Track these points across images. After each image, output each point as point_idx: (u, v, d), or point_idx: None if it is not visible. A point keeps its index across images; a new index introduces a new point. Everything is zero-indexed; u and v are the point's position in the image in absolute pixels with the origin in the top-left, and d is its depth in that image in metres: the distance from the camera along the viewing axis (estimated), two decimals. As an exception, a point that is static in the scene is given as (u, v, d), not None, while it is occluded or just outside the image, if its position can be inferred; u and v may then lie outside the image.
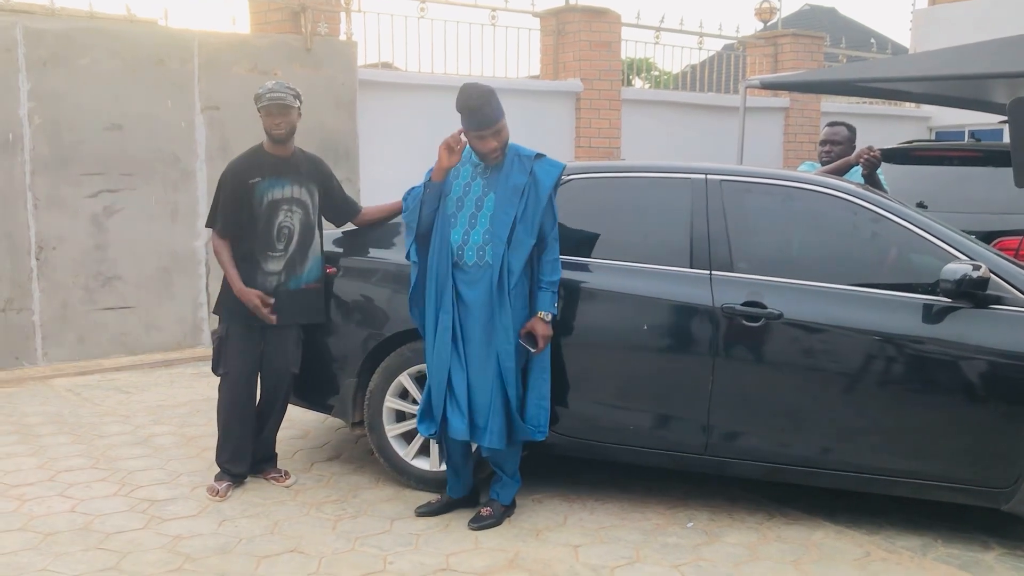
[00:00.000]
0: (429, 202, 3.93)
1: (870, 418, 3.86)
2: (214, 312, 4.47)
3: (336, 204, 4.51)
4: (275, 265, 4.30)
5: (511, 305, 3.83)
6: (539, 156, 3.94)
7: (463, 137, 3.88)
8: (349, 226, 4.62)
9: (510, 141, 3.93)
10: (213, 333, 4.42)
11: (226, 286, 4.31)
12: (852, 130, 5.62)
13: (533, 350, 3.87)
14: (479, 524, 3.97)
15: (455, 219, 3.93)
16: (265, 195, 4.26)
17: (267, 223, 4.27)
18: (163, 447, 5.00)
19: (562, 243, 4.05)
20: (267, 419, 4.48)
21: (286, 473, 4.51)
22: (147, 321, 7.18)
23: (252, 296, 4.22)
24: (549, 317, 3.87)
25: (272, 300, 4.27)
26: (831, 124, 5.68)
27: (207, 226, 4.39)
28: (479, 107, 3.79)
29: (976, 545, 3.88)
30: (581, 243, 4.26)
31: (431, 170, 3.95)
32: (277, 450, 4.61)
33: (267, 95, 4.23)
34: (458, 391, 3.88)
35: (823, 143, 5.64)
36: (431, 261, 3.95)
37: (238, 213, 4.26)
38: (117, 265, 7.02)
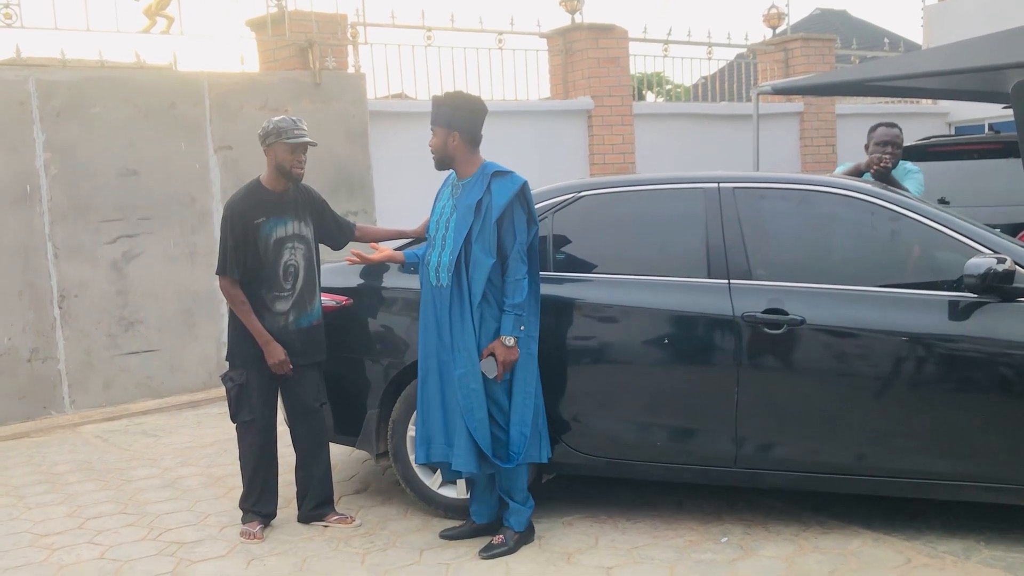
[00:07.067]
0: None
1: (903, 420, 3.77)
2: (227, 359, 4.27)
3: (332, 228, 4.44)
4: (283, 305, 4.17)
5: (475, 326, 3.78)
6: (500, 173, 3.85)
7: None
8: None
9: (487, 160, 3.93)
10: (225, 379, 4.23)
11: (239, 331, 4.16)
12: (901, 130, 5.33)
13: (490, 376, 3.76)
14: (489, 552, 3.89)
15: (434, 241, 3.95)
16: (271, 234, 4.13)
17: (273, 263, 4.13)
18: (191, 488, 4.99)
19: (576, 260, 3.98)
20: (315, 460, 4.33)
21: (350, 517, 4.36)
22: (171, 363, 7.20)
23: (280, 353, 4.11)
24: (511, 341, 3.76)
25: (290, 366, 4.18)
26: (887, 125, 5.27)
27: (219, 274, 4.15)
28: (435, 104, 3.93)
29: (1022, 546, 3.77)
30: (596, 259, 4.22)
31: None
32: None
33: (294, 131, 4.10)
34: (432, 414, 3.91)
35: (883, 143, 5.17)
36: (421, 285, 4.01)
37: (246, 255, 4.12)
38: (139, 309, 7.06)
